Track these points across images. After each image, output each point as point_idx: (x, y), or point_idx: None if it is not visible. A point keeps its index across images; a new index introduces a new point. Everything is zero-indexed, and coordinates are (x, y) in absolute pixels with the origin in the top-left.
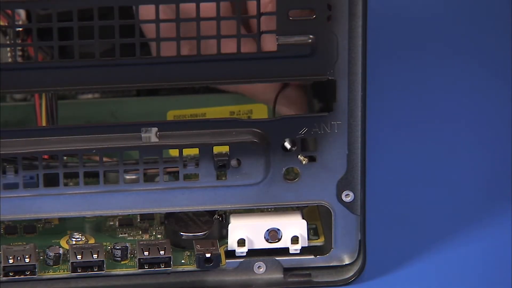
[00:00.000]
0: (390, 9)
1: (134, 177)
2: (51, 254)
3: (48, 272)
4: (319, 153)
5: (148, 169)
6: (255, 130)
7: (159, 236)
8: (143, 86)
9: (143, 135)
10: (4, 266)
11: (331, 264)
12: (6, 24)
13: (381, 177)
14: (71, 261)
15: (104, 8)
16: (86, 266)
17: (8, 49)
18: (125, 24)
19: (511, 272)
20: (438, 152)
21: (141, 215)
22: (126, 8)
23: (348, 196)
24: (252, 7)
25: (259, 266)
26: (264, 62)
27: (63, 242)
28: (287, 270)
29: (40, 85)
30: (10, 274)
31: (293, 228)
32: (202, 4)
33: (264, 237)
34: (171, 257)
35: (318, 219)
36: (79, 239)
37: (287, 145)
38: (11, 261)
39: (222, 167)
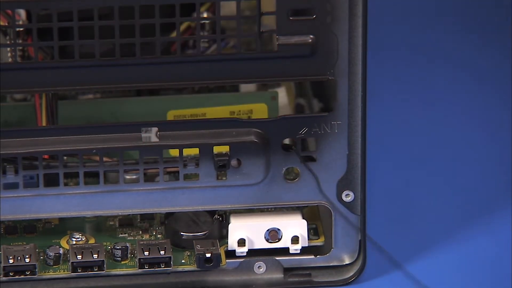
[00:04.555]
0: (390, 9)
1: (134, 177)
2: (51, 254)
3: (48, 272)
4: (319, 153)
5: (148, 169)
6: (255, 130)
7: (159, 236)
8: (143, 86)
9: (143, 135)
10: (4, 266)
11: (331, 264)
12: (6, 24)
13: (381, 177)
14: (71, 261)
15: (104, 8)
16: (86, 266)
17: (8, 49)
18: (125, 24)
19: (511, 272)
20: (438, 152)
21: (141, 215)
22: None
23: (348, 196)
24: None
25: (259, 266)
26: (264, 62)
27: (63, 242)
28: (287, 270)
29: (40, 85)
30: (10, 274)
31: (293, 228)
32: None
33: (264, 237)
34: (171, 257)
35: (318, 219)
36: (79, 239)
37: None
38: (11, 261)
39: (222, 167)
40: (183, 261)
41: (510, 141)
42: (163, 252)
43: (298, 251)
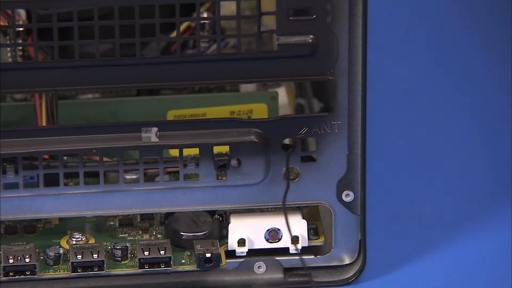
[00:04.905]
0: (390, 9)
1: (134, 177)
2: (51, 254)
3: (48, 272)
4: (319, 153)
5: (148, 169)
6: (255, 130)
7: (159, 236)
8: (143, 86)
9: (143, 135)
10: (4, 266)
11: (331, 264)
12: (6, 24)
13: (381, 177)
14: (71, 261)
15: (104, 8)
16: (86, 266)
17: (8, 49)
18: (125, 24)
19: (511, 272)
20: (438, 152)
21: (141, 215)
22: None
23: (348, 196)
24: None
25: (259, 266)
26: (264, 62)
27: (63, 242)
28: (287, 270)
29: (40, 85)
30: (10, 274)
31: (293, 228)
32: None
33: (264, 237)
34: (171, 257)
35: (318, 219)
36: (79, 239)
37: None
38: (11, 261)
39: (222, 167)
40: (183, 261)
41: (510, 141)
42: (163, 252)
43: (298, 251)
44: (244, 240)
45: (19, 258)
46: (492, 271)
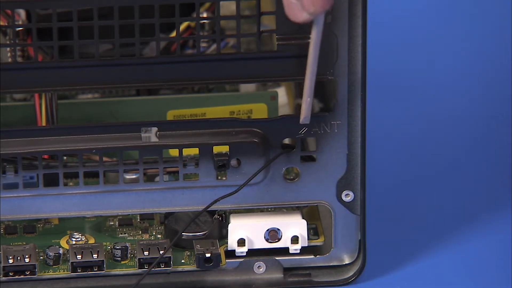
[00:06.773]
0: (390, 9)
1: (134, 177)
2: (51, 254)
3: (48, 272)
4: (319, 153)
5: (148, 169)
6: (255, 130)
7: (159, 236)
8: (143, 86)
9: (143, 135)
10: (4, 266)
11: (331, 264)
12: (6, 24)
13: (381, 177)
14: (71, 261)
15: (104, 8)
16: (86, 266)
17: (8, 49)
18: (125, 24)
19: (511, 272)
20: (438, 152)
21: (141, 215)
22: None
23: (348, 196)
24: None
25: (259, 266)
26: (264, 62)
27: (63, 242)
28: (287, 270)
29: (40, 85)
30: (10, 274)
31: (293, 228)
32: None
33: (264, 237)
34: (171, 257)
35: (318, 219)
36: (79, 239)
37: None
38: (11, 261)
39: (221, 167)
40: (183, 261)
41: (510, 141)
42: (163, 252)
43: (298, 251)
44: (244, 240)
45: (18, 258)
46: (492, 271)
